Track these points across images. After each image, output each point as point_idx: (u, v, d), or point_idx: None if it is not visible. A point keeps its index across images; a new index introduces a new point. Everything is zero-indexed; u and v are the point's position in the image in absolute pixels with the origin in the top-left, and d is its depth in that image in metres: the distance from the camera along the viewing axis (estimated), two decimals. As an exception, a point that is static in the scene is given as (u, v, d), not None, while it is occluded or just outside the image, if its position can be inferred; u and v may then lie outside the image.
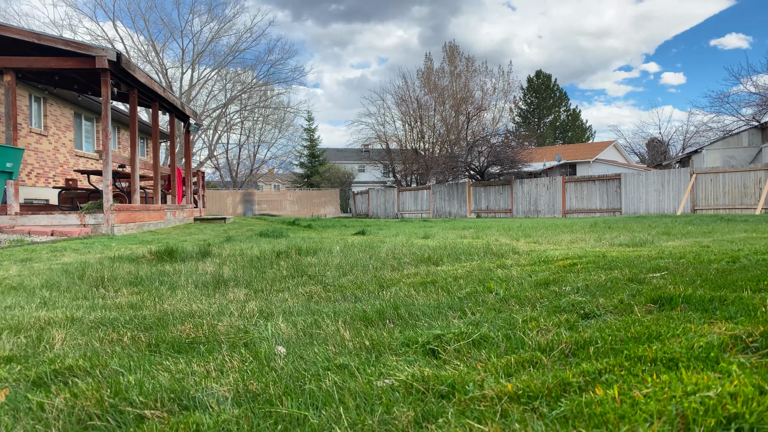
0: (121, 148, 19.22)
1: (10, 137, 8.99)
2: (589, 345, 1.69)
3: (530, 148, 31.44)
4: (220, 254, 5.07)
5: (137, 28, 32.29)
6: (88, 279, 3.79)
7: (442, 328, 2.07)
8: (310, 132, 41.97)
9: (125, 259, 4.85)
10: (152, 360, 1.87)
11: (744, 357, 1.46)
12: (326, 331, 2.18)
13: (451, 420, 1.26)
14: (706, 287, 2.43)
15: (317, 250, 5.05)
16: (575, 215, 19.85)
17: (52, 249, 6.16)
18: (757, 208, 15.27)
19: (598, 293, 2.51)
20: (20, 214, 8.94)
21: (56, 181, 14.87)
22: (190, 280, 3.72)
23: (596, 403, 1.24)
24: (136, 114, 10.92)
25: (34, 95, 14.10)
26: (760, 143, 22.66)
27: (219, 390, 1.53)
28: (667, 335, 1.72)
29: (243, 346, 2.01)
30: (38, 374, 1.72)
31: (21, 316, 2.59)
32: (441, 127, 34.27)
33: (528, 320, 2.09)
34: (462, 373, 1.55)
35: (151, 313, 2.64)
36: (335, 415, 1.34)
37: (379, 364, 1.71)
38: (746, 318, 1.84)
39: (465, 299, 2.64)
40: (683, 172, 17.56)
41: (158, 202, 12.03)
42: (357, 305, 2.66)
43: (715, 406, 1.14)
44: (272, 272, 3.98)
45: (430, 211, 25.82)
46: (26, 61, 9.15)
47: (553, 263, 3.73)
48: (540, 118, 58.29)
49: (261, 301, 2.92)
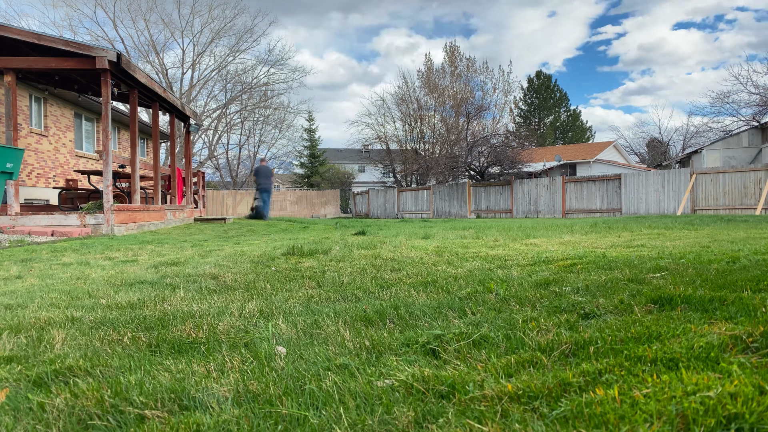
0: (122, 149, 19.22)
1: (10, 137, 9.00)
2: (590, 345, 1.70)
3: (530, 149, 31.43)
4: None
5: (137, 28, 32.18)
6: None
7: (442, 328, 2.07)
8: (311, 132, 41.99)
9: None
10: (152, 359, 1.87)
11: (744, 357, 1.46)
12: (326, 331, 2.18)
13: (452, 420, 1.26)
14: (706, 287, 2.43)
15: (317, 252, 5.05)
16: (575, 215, 19.85)
17: (53, 249, 6.16)
18: (757, 208, 15.27)
19: (598, 293, 2.51)
20: (20, 215, 8.95)
21: (56, 181, 14.87)
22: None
23: (596, 403, 1.24)
24: (137, 114, 10.93)
25: (34, 95, 14.10)
26: (760, 143, 22.66)
27: (219, 390, 1.53)
28: (667, 335, 1.72)
29: (243, 346, 2.01)
30: (39, 374, 1.73)
31: (22, 316, 2.59)
32: (441, 127, 34.25)
33: (528, 320, 2.09)
34: (462, 373, 1.55)
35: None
36: (335, 415, 1.34)
37: (379, 364, 1.71)
38: (746, 318, 1.84)
39: (465, 299, 2.64)
40: (683, 172, 17.56)
41: (158, 202, 12.03)
42: (357, 305, 2.66)
43: (715, 406, 1.15)
44: (270, 272, 3.98)
45: (430, 212, 25.82)
46: (26, 61, 9.16)
47: (553, 263, 3.73)
48: (540, 119, 58.29)
49: (262, 301, 2.92)
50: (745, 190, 15.96)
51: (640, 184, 18.53)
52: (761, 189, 15.55)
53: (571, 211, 20.43)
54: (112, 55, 8.79)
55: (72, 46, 8.81)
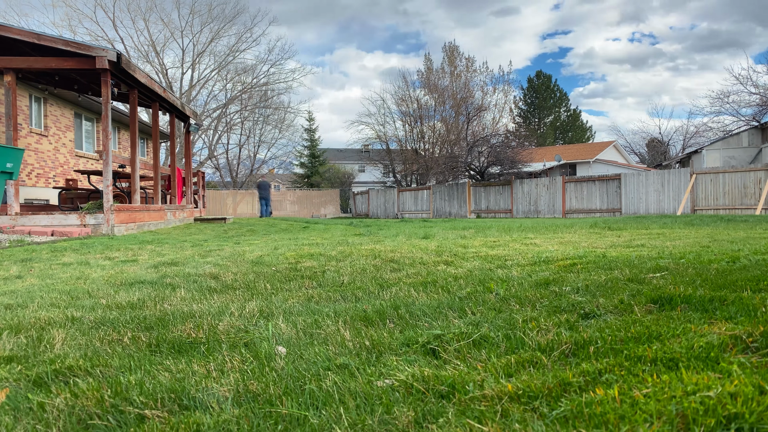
0: (121, 149, 19.22)
1: (10, 137, 9.00)
2: (589, 345, 1.70)
3: (530, 148, 31.46)
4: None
5: (137, 28, 32.17)
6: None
7: (442, 328, 2.07)
8: (311, 132, 41.98)
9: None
10: (152, 359, 1.87)
11: (744, 357, 1.46)
12: (326, 330, 2.18)
13: (452, 420, 1.26)
14: (706, 287, 2.43)
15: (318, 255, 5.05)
16: (575, 215, 19.85)
17: (53, 249, 6.16)
18: (757, 208, 15.27)
19: (598, 293, 2.51)
20: (20, 215, 8.95)
21: (56, 181, 14.87)
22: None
23: (596, 403, 1.24)
24: (137, 114, 10.93)
25: (34, 95, 14.10)
26: (760, 143, 22.66)
27: (219, 390, 1.53)
28: (667, 335, 1.72)
29: (243, 346, 2.01)
30: (39, 374, 1.73)
31: (22, 316, 2.59)
32: (441, 127, 34.26)
33: (528, 320, 2.09)
34: (462, 373, 1.55)
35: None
36: (335, 415, 1.34)
37: (379, 364, 1.71)
38: (746, 318, 1.84)
39: (465, 299, 2.64)
40: (683, 172, 17.56)
41: (158, 202, 12.03)
42: (357, 305, 2.66)
43: (715, 406, 1.15)
44: (270, 272, 3.98)
45: (430, 212, 25.82)
46: (26, 61, 9.16)
47: (553, 263, 3.73)
48: (540, 119, 58.29)
49: (262, 301, 2.92)
50: (745, 190, 15.96)
51: (640, 184, 18.53)
52: (761, 189, 15.55)
53: (571, 211, 20.43)
54: (112, 54, 8.79)
55: (72, 46, 8.81)
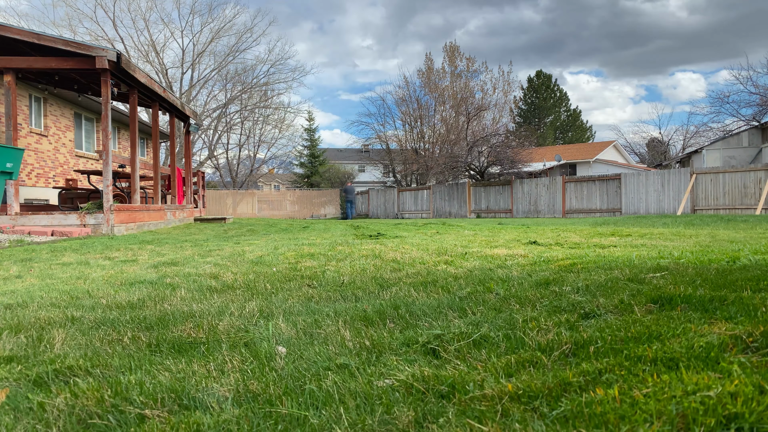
0: (121, 148, 19.22)
1: (10, 137, 9.00)
2: (590, 345, 1.70)
3: (530, 148, 31.39)
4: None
5: (137, 28, 32.20)
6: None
7: (442, 327, 2.07)
8: (311, 132, 41.95)
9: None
10: (152, 359, 1.87)
11: (744, 357, 1.46)
12: (326, 330, 2.18)
13: (452, 420, 1.26)
14: (706, 287, 2.43)
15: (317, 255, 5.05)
16: (575, 215, 19.85)
17: (52, 249, 6.16)
18: (757, 208, 15.27)
19: (598, 293, 2.51)
20: (20, 214, 8.95)
21: (56, 181, 14.87)
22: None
23: (596, 403, 1.24)
24: (136, 114, 10.92)
25: (34, 95, 14.10)
26: (760, 143, 22.65)
27: (219, 390, 1.53)
28: (667, 335, 1.72)
29: (243, 346, 2.01)
30: (39, 374, 1.73)
31: (22, 316, 2.59)
32: (441, 127, 34.26)
33: (528, 320, 2.09)
34: (462, 373, 1.55)
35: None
36: (335, 415, 1.34)
37: (379, 364, 1.71)
38: (746, 318, 1.84)
39: (465, 299, 2.64)
40: (683, 172, 17.56)
41: (158, 202, 12.03)
42: (357, 305, 2.66)
43: (715, 405, 1.15)
44: (270, 272, 3.98)
45: (430, 211, 25.81)
46: (26, 61, 9.15)
47: (553, 263, 3.73)
48: (540, 118, 58.26)
49: (262, 301, 2.92)
50: (745, 190, 15.96)
51: (640, 184, 18.53)
52: (761, 189, 15.55)
53: (571, 210, 20.42)
54: (111, 54, 8.79)
55: (72, 46, 8.81)
